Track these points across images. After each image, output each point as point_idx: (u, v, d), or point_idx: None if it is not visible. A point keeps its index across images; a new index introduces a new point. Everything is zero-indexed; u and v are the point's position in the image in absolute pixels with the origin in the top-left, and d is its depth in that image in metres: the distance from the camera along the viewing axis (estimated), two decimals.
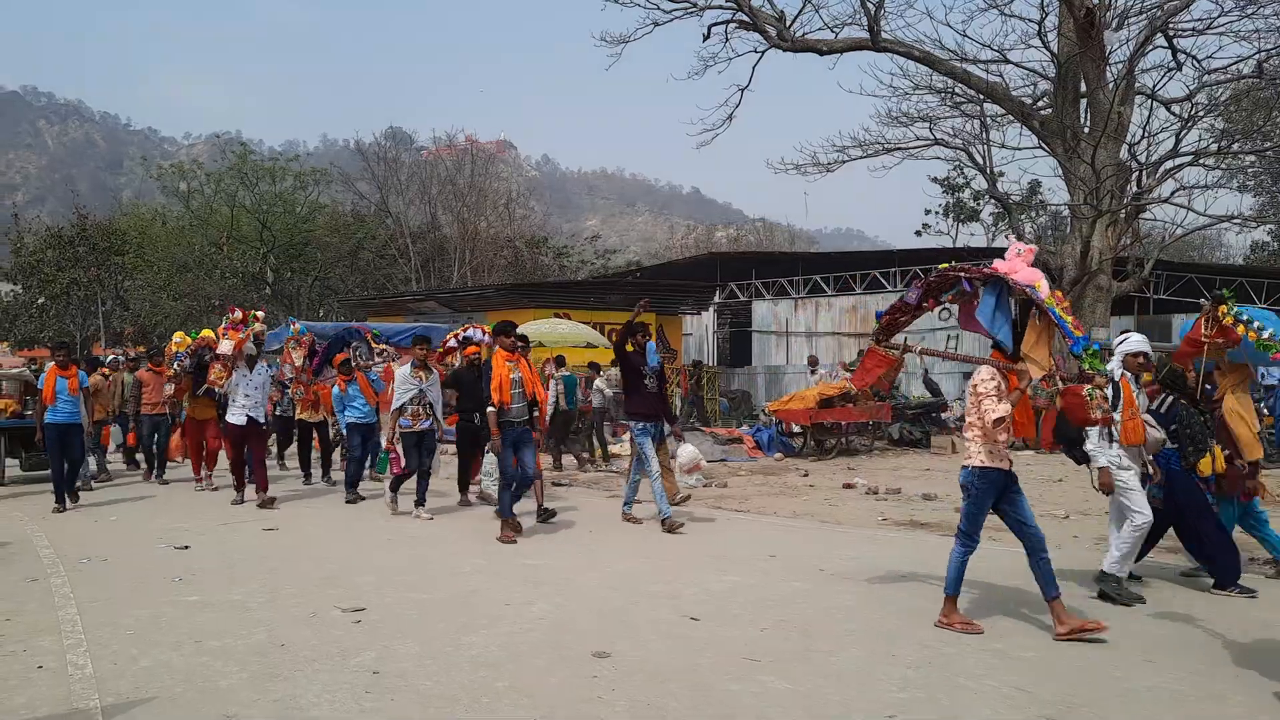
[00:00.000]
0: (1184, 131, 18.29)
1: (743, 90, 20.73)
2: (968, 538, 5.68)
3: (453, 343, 11.60)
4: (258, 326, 11.27)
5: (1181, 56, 18.33)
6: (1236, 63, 18.33)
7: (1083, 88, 18.56)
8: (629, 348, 9.28)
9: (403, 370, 10.11)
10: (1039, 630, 5.57)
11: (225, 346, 10.99)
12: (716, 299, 31.13)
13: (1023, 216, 30.96)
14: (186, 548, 8.32)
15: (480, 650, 5.23)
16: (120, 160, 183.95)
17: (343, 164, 46.80)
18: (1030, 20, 19.38)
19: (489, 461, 9.04)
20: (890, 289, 28.40)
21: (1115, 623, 5.68)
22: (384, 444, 12.58)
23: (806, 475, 13.62)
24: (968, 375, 25.13)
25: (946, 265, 6.25)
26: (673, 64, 26.87)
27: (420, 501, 9.97)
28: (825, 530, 9.31)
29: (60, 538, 8.86)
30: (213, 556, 7.95)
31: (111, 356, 17.22)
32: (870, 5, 18.47)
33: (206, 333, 12.22)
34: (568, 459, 14.98)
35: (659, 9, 19.69)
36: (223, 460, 12.10)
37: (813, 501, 11.24)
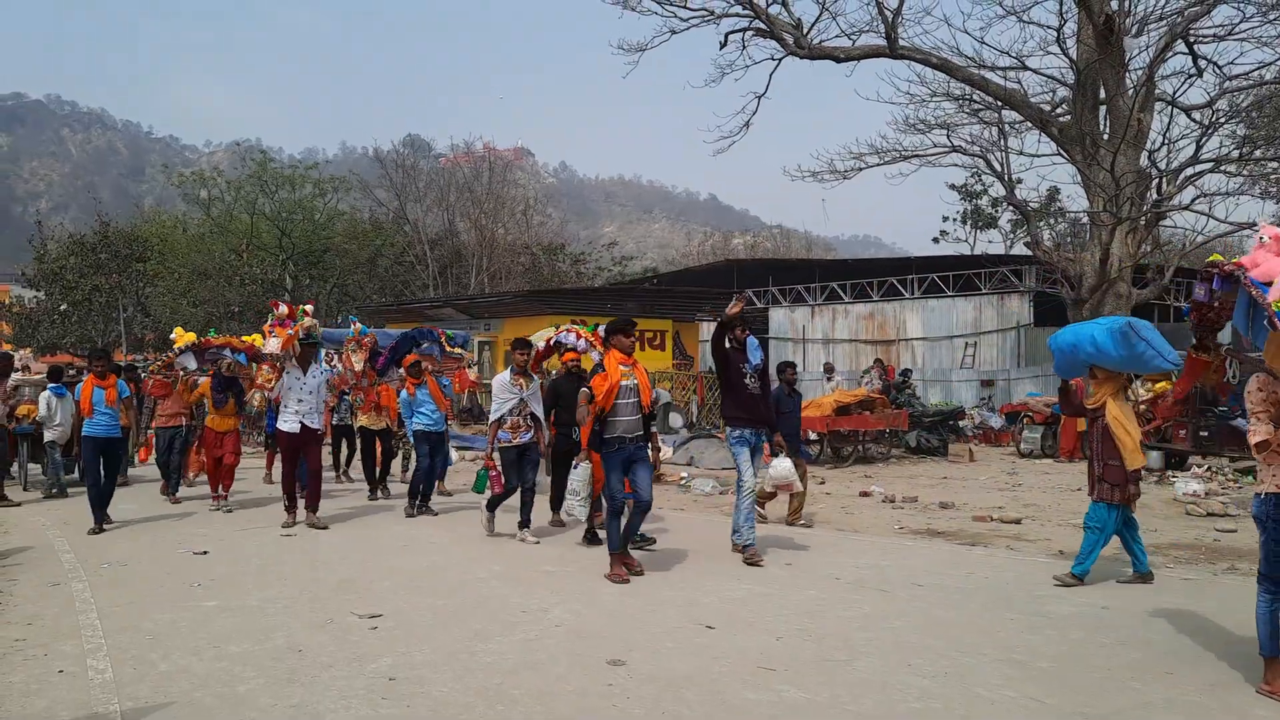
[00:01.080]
0: (1205, 138, 18.16)
1: (760, 97, 20.71)
2: (1272, 583, 4.70)
3: (543, 348, 10.35)
4: (307, 321, 10.13)
5: (1202, 63, 18.21)
6: (1258, 68, 18.19)
7: (1102, 94, 18.45)
8: (727, 344, 8.10)
9: (501, 377, 8.97)
10: (1056, 641, 5.53)
11: (273, 345, 9.93)
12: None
13: (1041, 224, 30.82)
14: (205, 553, 8.37)
15: (496, 656, 5.24)
16: (142, 168, 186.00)
17: (361, 171, 47.08)
18: (1049, 27, 19.22)
19: (575, 479, 7.85)
20: (908, 296, 28.33)
21: (1134, 633, 5.65)
22: (451, 456, 12.12)
23: (823, 483, 13.58)
24: (986, 382, 25.09)
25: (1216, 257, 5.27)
26: (690, 72, 26.90)
27: (524, 523, 8.92)
28: (842, 538, 9.27)
29: (81, 543, 8.94)
30: (230, 562, 8.00)
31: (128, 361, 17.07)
32: (888, 13, 18.43)
33: (236, 340, 11.48)
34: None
35: (676, 17, 19.70)
36: (236, 472, 11.48)
37: (829, 509, 11.21)
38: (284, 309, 10.05)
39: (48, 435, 12.53)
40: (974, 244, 44.51)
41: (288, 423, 9.79)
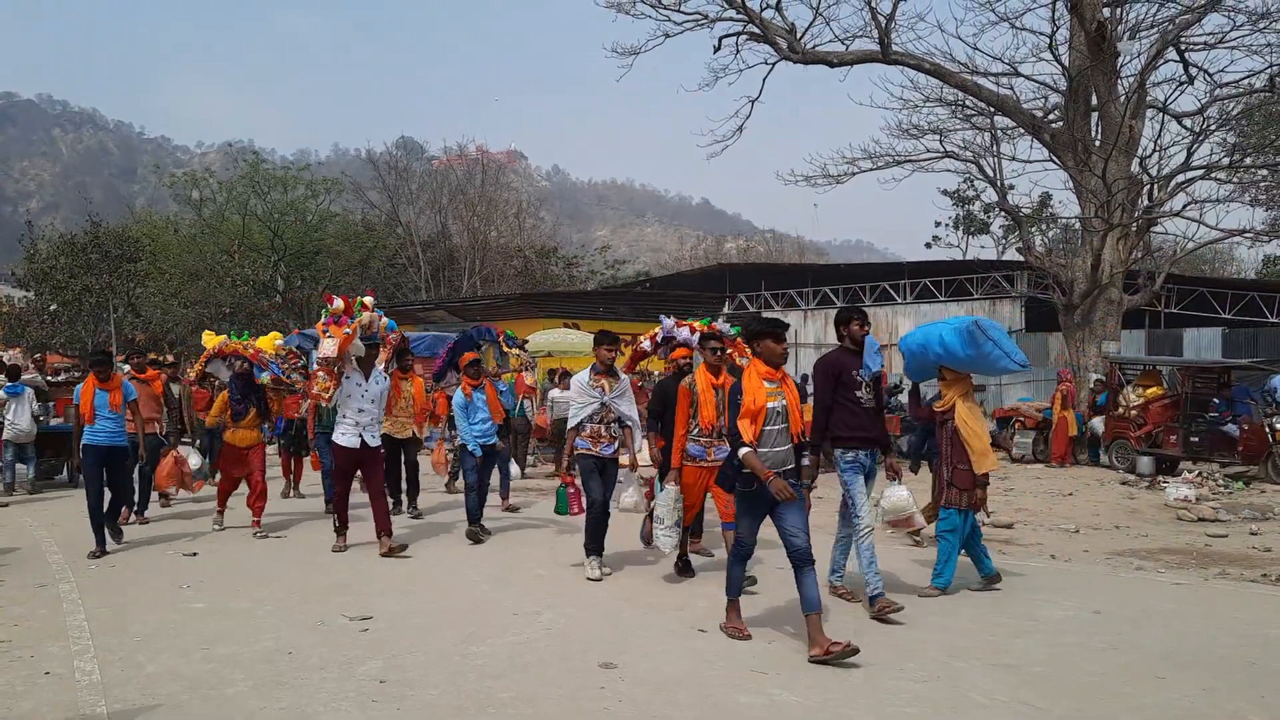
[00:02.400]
0: (1195, 145, 18.25)
1: (753, 101, 20.76)
2: None
3: (646, 345, 8.88)
4: (366, 316, 8.51)
5: (1193, 70, 18.31)
6: (1248, 77, 18.31)
7: (1094, 101, 18.54)
8: (847, 344, 6.60)
9: (580, 377, 7.63)
10: (1050, 645, 5.53)
11: (328, 348, 8.19)
12: (726, 310, 31.15)
13: (1033, 229, 30.91)
14: (194, 555, 8.33)
15: (487, 660, 5.22)
16: (133, 168, 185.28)
17: (354, 173, 47.05)
18: (1041, 34, 19.35)
19: (660, 505, 6.69)
20: (900, 301, 28.38)
21: (1126, 637, 5.65)
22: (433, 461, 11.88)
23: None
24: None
25: None
26: (683, 75, 26.94)
27: (595, 549, 7.33)
28: (830, 543, 9.24)
29: (69, 544, 8.87)
30: (220, 564, 7.95)
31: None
32: (881, 18, 18.48)
33: (262, 343, 10.31)
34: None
35: (670, 21, 19.73)
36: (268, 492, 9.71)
37: (817, 514, 11.18)
38: (339, 303, 8.33)
39: (5, 435, 12.50)
40: (966, 249, 44.74)
41: (345, 436, 8.40)
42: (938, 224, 46.03)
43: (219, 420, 9.94)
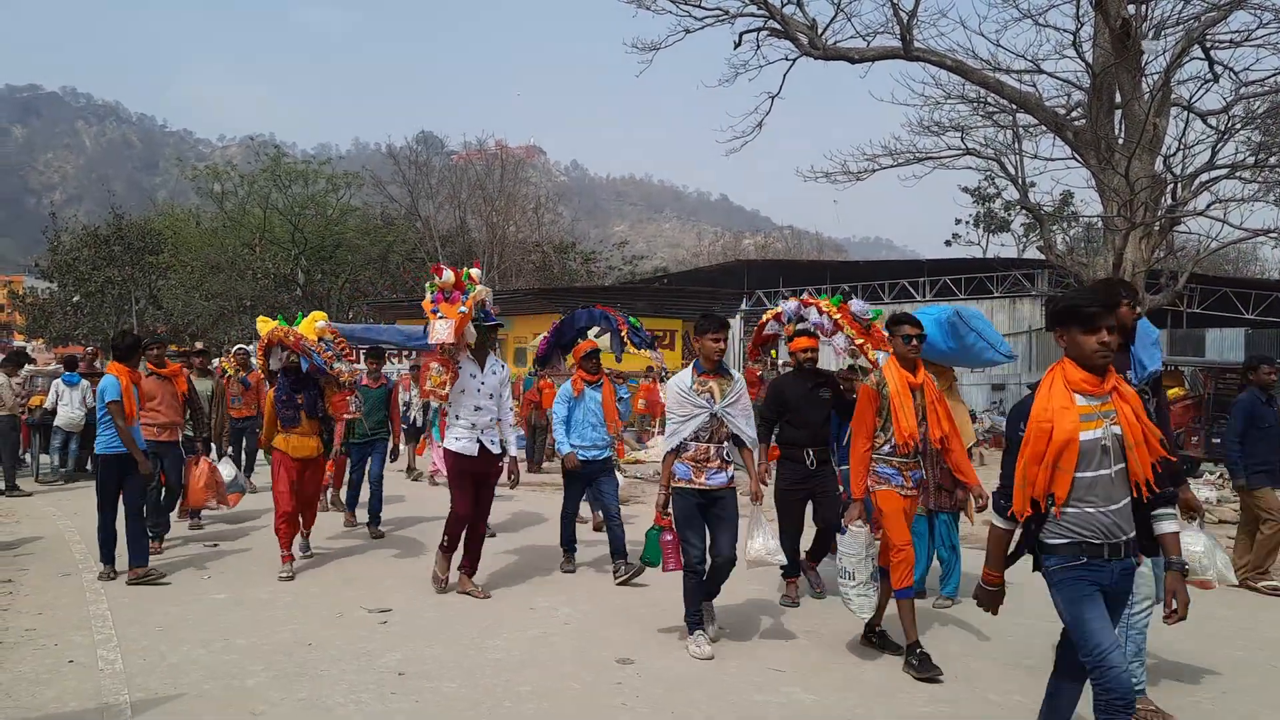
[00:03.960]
0: (1220, 144, 18.01)
1: (773, 98, 20.62)
2: None
3: (774, 327, 7.04)
4: (480, 290, 6.69)
5: (1219, 68, 18.10)
6: (1274, 75, 18.05)
7: (1118, 98, 18.37)
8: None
9: (680, 380, 5.48)
10: None
11: (442, 330, 6.40)
12: (744, 306, 31.12)
13: (1055, 228, 30.69)
14: (215, 545, 8.39)
15: (504, 654, 5.24)
16: (156, 161, 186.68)
17: (374, 167, 47.18)
18: (1065, 30, 19.11)
19: (846, 552, 5.14)
20: (919, 298, 28.26)
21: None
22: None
23: None
24: (997, 387, 24.93)
25: None
26: (703, 71, 26.91)
27: (698, 620, 5.45)
28: None
29: (92, 534, 8.92)
30: (241, 555, 8.02)
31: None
32: (903, 14, 18.34)
33: (303, 327, 7.53)
34: None
35: (690, 16, 19.60)
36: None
37: None
38: (448, 274, 6.59)
39: (57, 422, 12.67)
40: (986, 247, 44.43)
41: (461, 440, 6.61)
42: (958, 221, 45.73)
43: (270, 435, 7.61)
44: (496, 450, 6.72)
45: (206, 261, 37.27)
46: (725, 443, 5.45)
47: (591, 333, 8.16)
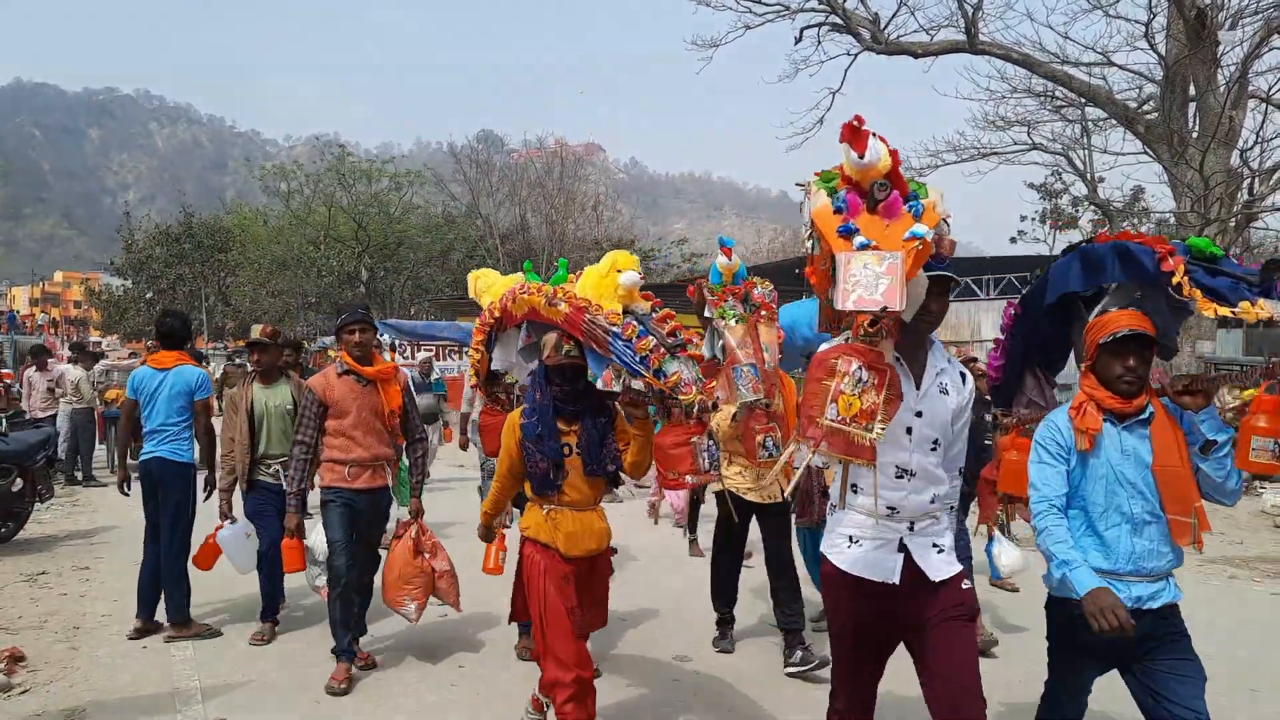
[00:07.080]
0: None
1: (834, 93, 20.48)
2: None
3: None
4: (731, 261, 5.37)
5: None
6: None
7: (1192, 91, 17.86)
8: None
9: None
10: None
11: (880, 277, 2.81)
12: None
13: (1125, 224, 29.95)
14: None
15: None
16: (225, 161, 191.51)
17: (436, 166, 47.74)
18: (1137, 21, 18.65)
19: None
20: (983, 297, 27.76)
21: (1219, 648, 5.45)
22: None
23: None
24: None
25: None
26: (763, 67, 26.73)
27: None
28: None
29: None
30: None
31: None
32: (968, 7, 18.07)
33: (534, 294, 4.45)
34: None
35: (751, 12, 19.56)
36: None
37: None
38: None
39: None
40: (1053, 245, 43.39)
41: (862, 548, 3.33)
42: (1023, 218, 44.74)
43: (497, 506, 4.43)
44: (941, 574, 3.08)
45: (273, 259, 38.04)
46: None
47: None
